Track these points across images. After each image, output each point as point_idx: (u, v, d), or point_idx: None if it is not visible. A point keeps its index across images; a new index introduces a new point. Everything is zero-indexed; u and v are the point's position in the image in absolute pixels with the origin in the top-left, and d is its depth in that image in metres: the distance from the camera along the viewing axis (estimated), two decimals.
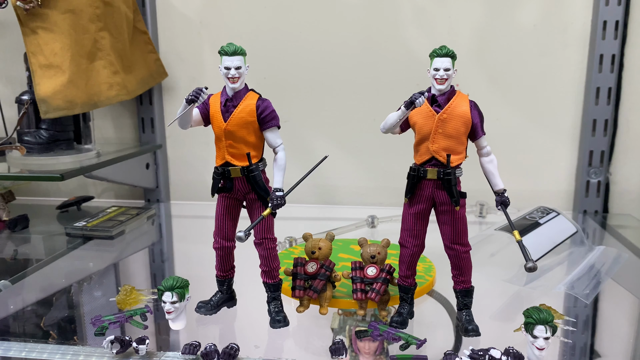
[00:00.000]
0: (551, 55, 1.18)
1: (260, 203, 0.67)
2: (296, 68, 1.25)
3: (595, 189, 1.20)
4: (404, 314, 0.68)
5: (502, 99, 1.21)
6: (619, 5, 1.11)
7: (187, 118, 0.65)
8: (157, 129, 1.30)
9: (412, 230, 0.67)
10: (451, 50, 0.63)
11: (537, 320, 0.57)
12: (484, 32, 1.19)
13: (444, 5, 1.19)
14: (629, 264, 0.90)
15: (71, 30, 1.00)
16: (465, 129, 0.64)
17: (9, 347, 0.63)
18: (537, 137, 1.22)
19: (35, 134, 1.05)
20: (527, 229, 0.88)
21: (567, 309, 0.75)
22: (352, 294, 0.70)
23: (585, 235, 1.01)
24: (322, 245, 0.71)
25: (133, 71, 1.18)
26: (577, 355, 0.65)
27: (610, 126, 1.17)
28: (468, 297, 0.68)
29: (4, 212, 1.11)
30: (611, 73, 1.15)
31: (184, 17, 1.27)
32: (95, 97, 1.08)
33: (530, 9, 1.17)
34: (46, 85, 0.98)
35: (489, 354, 0.56)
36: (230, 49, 0.64)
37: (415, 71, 1.18)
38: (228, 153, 0.66)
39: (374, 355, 0.63)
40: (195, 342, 0.60)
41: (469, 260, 0.67)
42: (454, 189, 0.64)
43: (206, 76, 1.28)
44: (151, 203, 1.33)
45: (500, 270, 0.85)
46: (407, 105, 0.61)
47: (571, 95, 1.19)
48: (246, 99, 0.65)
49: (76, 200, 1.25)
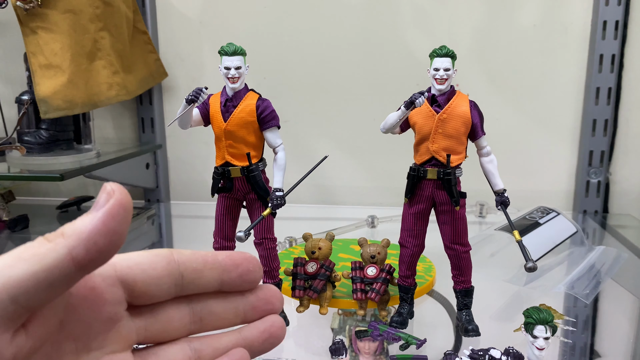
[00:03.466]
0: (551, 55, 1.18)
1: (260, 203, 0.67)
2: (296, 68, 1.25)
3: (595, 189, 1.20)
4: (404, 314, 0.68)
5: (502, 99, 1.21)
6: (619, 5, 1.11)
7: (187, 118, 0.65)
8: (157, 129, 1.30)
9: (412, 230, 0.67)
10: (451, 50, 0.63)
11: (537, 320, 0.57)
12: (484, 32, 1.19)
13: (444, 5, 1.19)
14: (629, 264, 0.90)
15: (71, 30, 1.00)
16: (465, 129, 0.64)
17: None
18: (537, 137, 1.22)
19: (35, 134, 1.05)
20: (527, 229, 0.88)
21: (567, 309, 0.75)
22: (352, 294, 0.70)
23: (585, 235, 1.01)
24: (322, 245, 0.71)
25: (133, 71, 1.18)
26: (577, 355, 0.65)
27: (610, 126, 1.17)
28: (468, 297, 0.68)
29: (4, 212, 1.11)
30: (611, 73, 1.15)
31: (184, 17, 1.27)
32: (95, 97, 1.08)
33: (530, 9, 1.17)
34: (46, 85, 0.98)
35: (489, 354, 0.56)
36: (230, 49, 0.64)
37: (415, 71, 1.18)
38: (228, 153, 0.66)
39: (374, 355, 0.63)
40: None
41: (469, 260, 0.67)
42: (454, 189, 0.64)
43: (206, 76, 1.28)
44: (151, 203, 1.33)
45: (500, 270, 0.85)
46: (407, 105, 0.61)
47: (571, 95, 1.19)
48: (246, 99, 0.65)
49: (76, 200, 1.25)
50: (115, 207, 0.25)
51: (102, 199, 0.25)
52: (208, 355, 0.31)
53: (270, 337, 0.32)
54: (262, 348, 0.33)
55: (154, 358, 0.31)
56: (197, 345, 0.31)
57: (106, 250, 0.25)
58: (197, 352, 0.31)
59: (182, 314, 0.31)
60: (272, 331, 0.32)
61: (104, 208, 0.25)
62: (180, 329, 0.31)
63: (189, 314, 0.31)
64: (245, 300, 0.32)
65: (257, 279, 0.32)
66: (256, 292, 0.33)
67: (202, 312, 0.32)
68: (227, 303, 0.32)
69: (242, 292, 0.32)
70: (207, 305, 0.32)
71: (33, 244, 0.25)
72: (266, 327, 0.32)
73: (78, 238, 0.25)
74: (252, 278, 0.32)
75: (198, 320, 0.32)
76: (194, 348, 0.31)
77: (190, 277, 0.30)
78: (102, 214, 0.25)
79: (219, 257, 0.31)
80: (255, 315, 0.33)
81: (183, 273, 0.30)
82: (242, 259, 0.32)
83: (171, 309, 0.31)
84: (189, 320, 0.31)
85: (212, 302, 0.32)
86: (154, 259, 0.29)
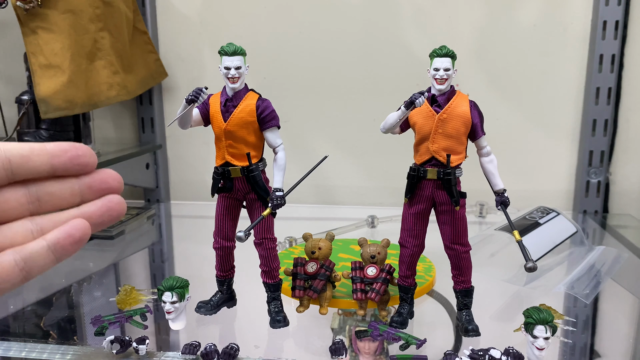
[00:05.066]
0: (551, 55, 1.18)
1: (260, 203, 0.67)
2: (296, 68, 1.25)
3: (595, 189, 1.20)
4: (404, 314, 0.68)
5: (502, 99, 1.21)
6: (619, 5, 1.11)
7: (187, 118, 0.65)
8: (157, 129, 1.30)
9: (412, 230, 0.67)
10: (451, 50, 0.63)
11: (537, 320, 0.57)
12: (484, 32, 1.19)
13: (444, 5, 1.19)
14: (629, 264, 0.90)
15: (71, 30, 1.00)
16: (465, 129, 0.64)
17: (9, 347, 0.63)
18: (537, 137, 1.22)
19: (35, 134, 1.05)
20: (527, 229, 0.88)
21: (567, 309, 0.75)
22: (352, 294, 0.70)
23: (585, 235, 1.01)
24: (322, 245, 0.71)
25: (133, 71, 1.18)
26: (577, 355, 0.65)
27: (610, 126, 1.17)
28: (468, 297, 0.68)
29: None
30: (611, 73, 1.15)
31: (184, 17, 1.27)
32: (95, 97, 1.08)
33: (530, 9, 1.17)
34: (46, 85, 0.98)
35: (489, 354, 0.56)
36: (230, 49, 0.64)
37: (415, 71, 1.18)
38: (228, 153, 0.66)
39: (374, 355, 0.63)
40: (195, 342, 0.60)
41: (469, 260, 0.67)
42: (454, 189, 0.64)
43: (206, 76, 1.28)
44: (151, 203, 1.33)
45: (500, 270, 0.85)
46: (407, 105, 0.61)
47: (571, 95, 1.19)
48: (246, 99, 0.65)
49: None
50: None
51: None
52: (49, 227, 0.35)
53: (108, 211, 0.36)
54: (101, 221, 0.36)
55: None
56: (39, 221, 0.35)
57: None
58: (39, 225, 0.35)
59: (18, 195, 0.35)
60: (110, 206, 0.36)
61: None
62: (19, 209, 0.35)
63: (25, 195, 0.35)
64: (81, 182, 0.36)
65: (89, 163, 0.36)
66: (92, 174, 0.36)
67: (38, 192, 0.35)
68: (62, 184, 0.35)
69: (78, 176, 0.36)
70: (42, 187, 0.35)
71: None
72: (104, 203, 0.36)
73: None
74: (83, 162, 0.35)
75: (35, 200, 0.35)
76: (35, 223, 0.35)
77: (18, 161, 0.34)
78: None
79: (47, 146, 0.35)
80: (93, 195, 0.36)
81: (10, 158, 0.34)
82: (71, 146, 0.35)
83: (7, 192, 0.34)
84: (26, 201, 0.35)
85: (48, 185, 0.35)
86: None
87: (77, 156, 0.35)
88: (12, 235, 0.34)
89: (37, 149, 0.34)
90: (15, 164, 0.34)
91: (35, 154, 0.34)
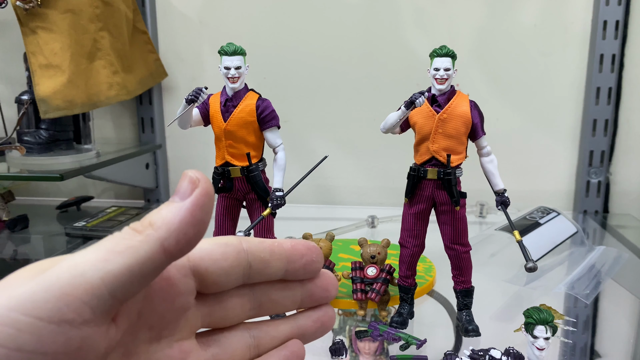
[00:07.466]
0: (551, 55, 1.18)
1: (260, 203, 0.67)
2: (296, 68, 1.25)
3: (595, 189, 1.20)
4: (404, 314, 0.68)
5: (502, 99, 1.21)
6: (619, 5, 1.11)
7: (187, 118, 0.65)
8: (157, 129, 1.30)
9: (412, 231, 0.67)
10: (451, 50, 0.63)
11: (537, 321, 0.57)
12: (484, 32, 1.19)
13: (444, 5, 1.19)
14: (629, 264, 0.90)
15: (71, 30, 1.00)
16: (466, 129, 0.63)
17: None
18: (537, 137, 1.22)
19: (35, 134, 1.05)
20: (527, 229, 0.88)
21: (567, 309, 0.75)
22: (352, 294, 0.70)
23: (585, 235, 1.01)
24: (322, 245, 0.71)
25: (133, 71, 1.18)
26: (577, 355, 0.65)
27: (611, 126, 1.17)
28: (468, 297, 0.68)
29: (4, 212, 1.11)
30: (611, 73, 1.15)
31: (184, 17, 1.27)
32: (95, 97, 1.08)
33: (530, 9, 1.17)
34: (46, 85, 0.98)
35: (489, 354, 0.56)
36: (230, 49, 0.64)
37: (415, 71, 1.18)
38: (228, 153, 0.66)
39: (374, 355, 0.63)
40: None
41: (469, 260, 0.67)
42: (454, 189, 0.64)
43: (206, 76, 1.28)
44: (151, 203, 1.33)
45: (500, 270, 0.85)
46: (407, 105, 0.61)
47: (571, 95, 1.19)
48: (246, 98, 0.65)
49: (76, 200, 1.25)
50: (201, 196, 0.25)
51: (185, 187, 0.25)
52: (266, 343, 0.32)
53: (322, 326, 0.33)
54: (313, 336, 0.34)
55: (216, 344, 0.31)
56: (256, 333, 0.32)
57: (194, 240, 0.25)
58: (256, 339, 0.32)
59: (244, 300, 0.31)
60: (324, 320, 0.33)
61: (190, 198, 0.25)
62: (241, 315, 0.32)
63: (250, 301, 0.32)
64: (304, 288, 0.33)
65: (319, 269, 0.33)
66: (315, 280, 0.33)
67: (262, 298, 0.32)
68: (287, 291, 0.32)
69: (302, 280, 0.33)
70: (268, 292, 0.32)
71: (123, 235, 0.25)
72: (319, 317, 0.33)
73: (168, 229, 0.24)
74: (314, 268, 0.32)
75: (257, 306, 0.32)
76: (253, 335, 0.32)
77: (257, 267, 0.30)
78: (189, 205, 0.25)
79: (285, 246, 0.31)
80: (311, 302, 0.33)
81: (251, 263, 0.30)
82: (306, 249, 0.32)
83: (235, 296, 0.31)
84: (249, 307, 0.32)
85: (273, 290, 0.32)
86: (225, 250, 0.29)
87: (311, 262, 0.32)
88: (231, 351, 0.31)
89: (276, 252, 0.31)
90: (255, 269, 0.30)
91: (275, 258, 0.30)
